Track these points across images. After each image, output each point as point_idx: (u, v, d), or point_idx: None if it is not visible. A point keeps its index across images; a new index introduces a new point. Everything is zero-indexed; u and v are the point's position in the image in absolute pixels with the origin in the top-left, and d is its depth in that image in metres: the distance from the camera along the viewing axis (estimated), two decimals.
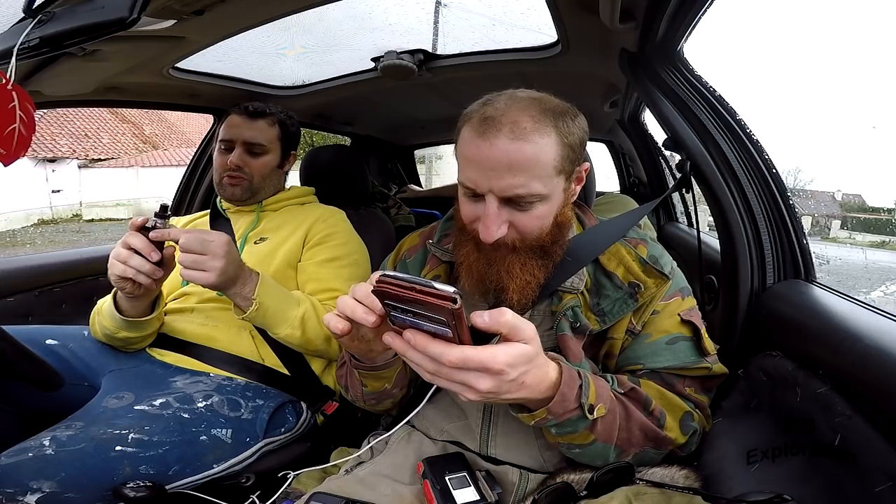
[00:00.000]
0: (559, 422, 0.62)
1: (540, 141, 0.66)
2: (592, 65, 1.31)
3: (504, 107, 0.68)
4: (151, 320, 1.03)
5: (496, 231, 0.69)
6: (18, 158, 0.76)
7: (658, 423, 0.70)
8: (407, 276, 0.48)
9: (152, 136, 16.18)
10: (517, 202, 0.69)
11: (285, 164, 1.30)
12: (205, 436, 0.92)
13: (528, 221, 0.71)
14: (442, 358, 0.50)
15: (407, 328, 0.52)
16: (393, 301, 0.50)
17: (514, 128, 0.66)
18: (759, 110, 43.56)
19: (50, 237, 11.31)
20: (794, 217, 0.91)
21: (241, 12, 1.00)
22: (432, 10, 1.32)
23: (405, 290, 0.48)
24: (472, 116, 0.70)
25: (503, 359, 0.50)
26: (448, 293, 0.46)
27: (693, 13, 0.83)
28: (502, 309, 0.51)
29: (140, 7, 0.67)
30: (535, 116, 0.67)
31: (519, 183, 0.67)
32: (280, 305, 0.99)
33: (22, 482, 0.73)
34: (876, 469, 0.53)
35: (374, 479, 0.77)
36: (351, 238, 1.23)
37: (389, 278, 0.49)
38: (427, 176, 8.27)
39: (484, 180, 0.68)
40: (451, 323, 0.48)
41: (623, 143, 2.37)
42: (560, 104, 0.71)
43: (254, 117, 1.21)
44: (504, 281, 0.73)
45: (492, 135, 0.66)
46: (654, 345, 0.75)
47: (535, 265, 0.73)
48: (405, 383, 0.83)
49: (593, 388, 0.64)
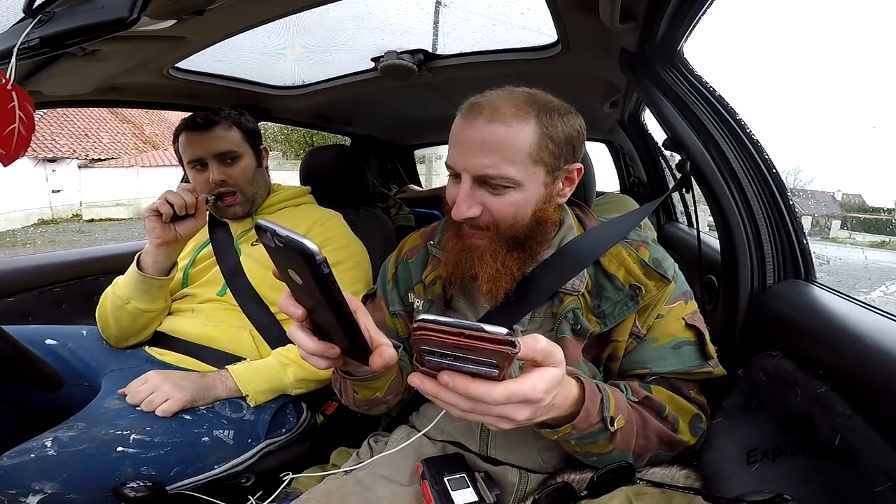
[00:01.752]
0: (581, 435, 0.62)
1: (515, 125, 0.68)
2: (592, 65, 1.31)
3: (494, 96, 0.71)
4: (163, 288, 1.08)
5: (466, 209, 0.71)
6: (18, 158, 0.76)
7: (672, 428, 0.72)
8: (450, 320, 0.44)
9: (152, 136, 16.18)
10: (490, 184, 0.71)
11: (262, 161, 1.27)
12: (207, 437, 0.92)
13: (500, 206, 0.71)
14: (485, 398, 0.47)
15: (442, 370, 0.48)
16: (432, 346, 0.46)
17: (493, 112, 0.69)
18: (759, 110, 43.59)
19: (50, 237, 11.30)
20: (794, 217, 0.91)
21: (241, 12, 1.00)
22: (432, 10, 1.31)
23: (451, 336, 0.43)
24: (464, 105, 0.73)
25: (542, 387, 0.50)
26: (503, 337, 0.42)
27: (693, 13, 0.83)
28: (536, 336, 0.49)
29: (140, 7, 0.67)
30: (519, 104, 0.69)
31: (489, 163, 0.68)
32: (272, 385, 1.02)
33: (24, 483, 0.73)
34: (876, 469, 0.53)
35: (372, 480, 0.77)
36: (350, 241, 1.23)
37: (430, 324, 0.44)
38: (427, 176, 8.27)
39: (460, 159, 0.71)
40: (501, 365, 0.45)
41: (623, 143, 2.36)
42: (554, 101, 0.72)
43: (208, 127, 1.15)
44: (476, 268, 0.74)
45: (472, 117, 0.70)
46: (661, 349, 0.75)
47: (509, 256, 0.74)
48: (400, 390, 0.83)
49: (613, 401, 0.64)
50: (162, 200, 1.01)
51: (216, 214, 1.23)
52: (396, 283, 0.90)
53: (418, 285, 0.86)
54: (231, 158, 1.17)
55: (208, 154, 1.15)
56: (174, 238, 1.04)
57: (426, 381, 0.49)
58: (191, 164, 1.18)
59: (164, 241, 1.02)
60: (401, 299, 0.89)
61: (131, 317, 1.06)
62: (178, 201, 1.02)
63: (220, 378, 1.00)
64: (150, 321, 1.09)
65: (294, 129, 13.08)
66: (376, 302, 0.93)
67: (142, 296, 1.05)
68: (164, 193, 1.03)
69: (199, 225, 1.07)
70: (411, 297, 0.87)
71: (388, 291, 0.91)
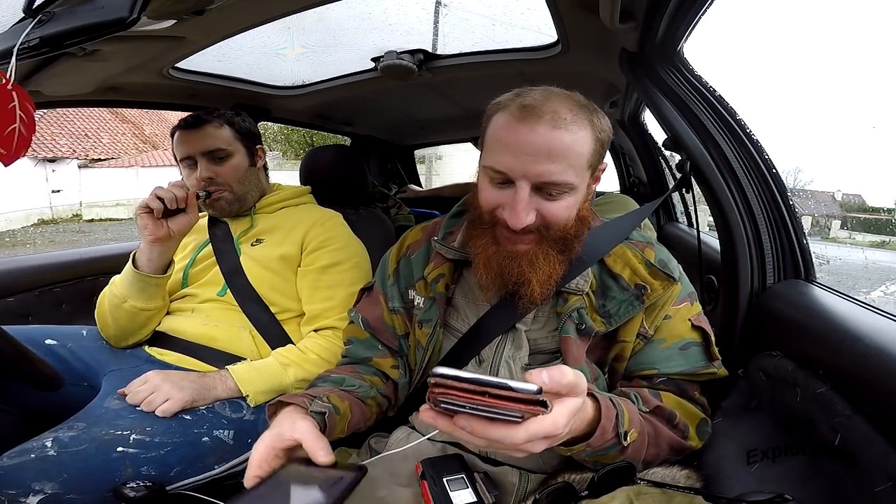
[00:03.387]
0: (594, 451, 0.62)
1: (578, 132, 0.68)
2: (592, 65, 1.31)
3: (542, 97, 0.69)
4: (160, 286, 1.07)
5: (525, 217, 0.69)
6: (18, 158, 0.76)
7: (683, 435, 0.72)
8: (473, 376, 0.41)
9: (152, 136, 16.17)
10: (547, 190, 0.69)
11: (256, 161, 1.26)
12: (207, 437, 0.92)
13: (556, 211, 0.71)
14: (505, 441, 0.46)
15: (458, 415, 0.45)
16: (450, 401, 0.42)
17: (554, 116, 0.67)
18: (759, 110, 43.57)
19: (50, 237, 11.30)
20: (794, 217, 0.91)
21: (241, 12, 1.00)
22: (432, 10, 1.31)
23: (474, 395, 0.40)
24: (507, 105, 0.70)
25: (563, 422, 0.49)
26: (533, 396, 0.39)
27: (693, 13, 0.83)
28: (563, 369, 0.48)
29: (140, 7, 0.67)
30: (573, 109, 0.68)
31: (556, 170, 0.67)
32: (272, 385, 1.02)
33: (24, 483, 0.73)
34: (876, 469, 0.53)
35: (371, 481, 0.76)
36: (350, 241, 1.22)
37: (450, 380, 0.41)
38: (427, 176, 8.26)
39: (519, 165, 0.68)
40: (526, 416, 0.43)
41: (623, 143, 2.36)
42: (590, 102, 0.73)
43: (198, 125, 1.16)
44: (527, 273, 0.72)
45: (533, 120, 0.67)
46: (669, 350, 0.75)
47: (557, 259, 0.73)
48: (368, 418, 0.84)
49: (627, 415, 0.64)
50: (152, 196, 1.01)
51: (208, 212, 1.24)
52: (397, 278, 0.89)
53: (420, 282, 0.85)
54: (220, 156, 1.17)
55: (197, 152, 1.16)
56: (167, 234, 1.03)
57: (440, 419, 0.48)
58: (183, 163, 1.19)
59: (156, 237, 1.02)
60: (401, 296, 0.88)
61: (129, 315, 1.06)
62: (168, 196, 1.01)
63: (221, 378, 1.00)
64: (147, 319, 1.09)
65: (294, 129, 13.07)
66: (374, 296, 0.92)
67: (138, 294, 1.05)
68: (154, 189, 1.03)
69: (191, 220, 1.07)
70: (412, 294, 0.86)
71: (388, 287, 0.90)
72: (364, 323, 0.91)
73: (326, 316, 1.11)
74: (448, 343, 0.82)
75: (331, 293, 1.13)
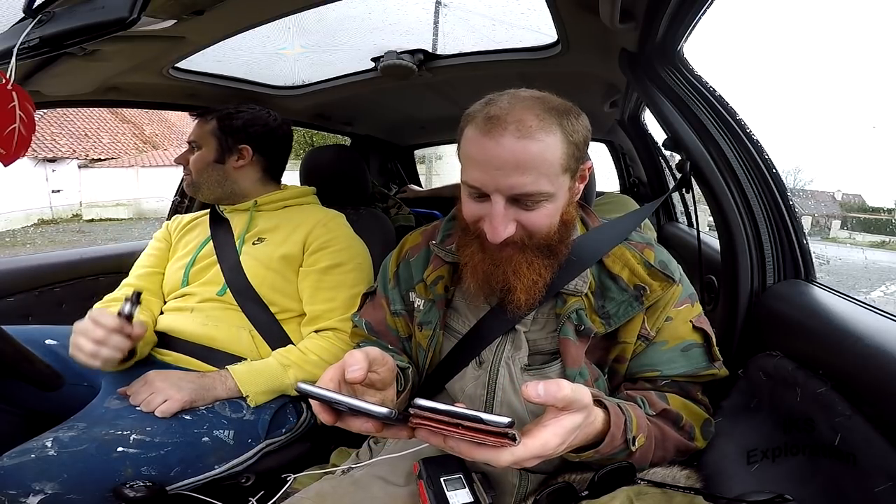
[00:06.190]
0: (603, 456, 0.62)
1: (546, 139, 0.66)
2: (592, 65, 1.31)
3: (508, 105, 0.67)
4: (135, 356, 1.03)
5: (503, 231, 0.69)
6: (18, 158, 0.76)
7: (689, 437, 0.73)
8: (446, 407, 0.43)
9: (152, 136, 16.17)
10: (524, 201, 0.69)
11: (227, 160, 1.21)
12: (207, 437, 0.92)
13: (535, 219, 0.70)
14: (492, 462, 0.47)
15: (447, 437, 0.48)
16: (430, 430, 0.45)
17: (519, 126, 0.65)
18: (760, 110, 43.60)
19: (50, 237, 11.30)
20: (794, 217, 0.91)
21: (241, 12, 1.00)
22: (432, 10, 1.31)
23: (448, 426, 0.43)
24: (475, 116, 0.69)
25: (555, 442, 0.49)
26: (502, 429, 0.41)
27: (693, 13, 0.83)
28: (560, 383, 0.49)
29: (140, 7, 0.67)
30: (540, 115, 0.66)
31: (527, 181, 0.66)
32: (272, 385, 1.02)
33: (24, 483, 0.74)
34: (876, 469, 0.53)
35: (369, 481, 0.77)
36: (352, 242, 1.22)
37: (426, 411, 0.43)
38: (427, 176, 8.27)
39: (490, 180, 0.67)
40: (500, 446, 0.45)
41: (623, 143, 2.36)
42: (563, 103, 0.71)
43: (197, 117, 1.25)
44: (511, 281, 0.72)
45: (497, 133, 0.65)
46: (671, 352, 0.75)
47: (542, 264, 0.73)
48: None
49: (635, 420, 0.65)
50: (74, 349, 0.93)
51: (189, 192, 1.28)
52: (398, 282, 0.90)
53: (419, 284, 0.86)
54: (193, 147, 1.24)
55: (187, 138, 1.27)
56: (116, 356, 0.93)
57: (432, 437, 0.50)
58: None
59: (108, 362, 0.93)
60: (402, 298, 0.88)
61: None
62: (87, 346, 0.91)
63: (220, 378, 1.00)
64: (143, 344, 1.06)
65: (294, 129, 13.06)
66: (376, 300, 0.93)
67: None
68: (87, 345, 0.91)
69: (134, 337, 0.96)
70: (412, 297, 0.87)
71: (390, 290, 0.90)
72: (367, 327, 0.92)
73: (328, 317, 1.11)
74: (448, 344, 0.82)
75: (333, 294, 1.13)
